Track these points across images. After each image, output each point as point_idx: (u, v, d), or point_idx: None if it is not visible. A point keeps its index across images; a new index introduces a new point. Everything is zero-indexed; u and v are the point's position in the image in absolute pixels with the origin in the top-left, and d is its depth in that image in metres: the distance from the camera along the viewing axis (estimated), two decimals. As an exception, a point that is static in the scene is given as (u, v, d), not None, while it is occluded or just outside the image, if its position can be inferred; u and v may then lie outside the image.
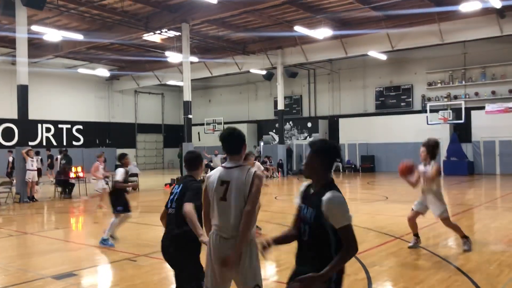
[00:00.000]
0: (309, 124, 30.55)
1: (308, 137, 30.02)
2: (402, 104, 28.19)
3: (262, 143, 30.99)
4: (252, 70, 28.77)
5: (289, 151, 28.55)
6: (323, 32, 20.64)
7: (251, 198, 3.47)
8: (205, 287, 3.67)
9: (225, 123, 31.12)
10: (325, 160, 3.02)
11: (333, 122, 30.32)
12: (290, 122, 31.15)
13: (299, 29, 20.44)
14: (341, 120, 29.45)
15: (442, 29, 20.79)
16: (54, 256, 7.69)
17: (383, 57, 25.66)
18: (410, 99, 27.96)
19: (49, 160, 22.74)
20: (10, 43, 24.25)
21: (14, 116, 18.08)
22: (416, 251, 7.26)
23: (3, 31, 22.07)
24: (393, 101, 28.52)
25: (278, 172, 26.21)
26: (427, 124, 23.72)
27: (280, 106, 27.69)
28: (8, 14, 16.49)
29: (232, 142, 3.67)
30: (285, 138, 29.06)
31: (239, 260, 3.45)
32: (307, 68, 30.93)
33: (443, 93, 26.89)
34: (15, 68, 16.92)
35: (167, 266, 6.97)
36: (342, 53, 24.38)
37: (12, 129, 27.96)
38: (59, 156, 19.72)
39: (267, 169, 23.43)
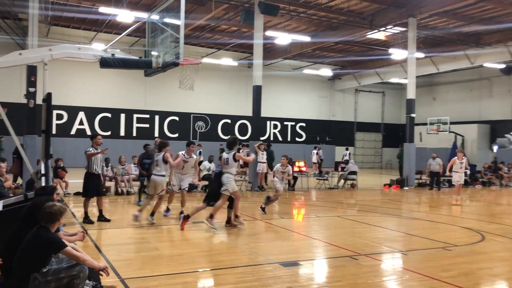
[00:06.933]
0: (560, 127, 25.75)
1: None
2: None
3: (496, 146, 27.46)
4: (487, 64, 25.82)
5: (530, 157, 24.53)
6: None
7: None
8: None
9: (451, 123, 28.74)
10: None
11: None
12: (534, 124, 26.80)
13: (553, 14, 17.31)
14: None
15: None
16: (280, 244, 8.24)
17: None
18: None
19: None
20: (247, 48, 27.31)
21: (248, 113, 20.28)
22: None
23: (243, 39, 24.98)
24: None
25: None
26: None
27: (522, 104, 24.05)
28: (248, 22, 18.61)
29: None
30: (526, 142, 25.14)
31: None
32: (560, 59, 26.03)
33: None
34: (250, 71, 18.92)
35: (388, 268, 6.71)
36: None
37: (246, 125, 31.48)
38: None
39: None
